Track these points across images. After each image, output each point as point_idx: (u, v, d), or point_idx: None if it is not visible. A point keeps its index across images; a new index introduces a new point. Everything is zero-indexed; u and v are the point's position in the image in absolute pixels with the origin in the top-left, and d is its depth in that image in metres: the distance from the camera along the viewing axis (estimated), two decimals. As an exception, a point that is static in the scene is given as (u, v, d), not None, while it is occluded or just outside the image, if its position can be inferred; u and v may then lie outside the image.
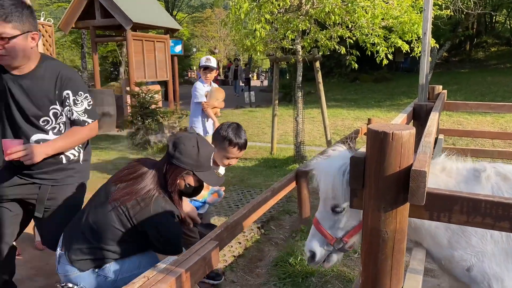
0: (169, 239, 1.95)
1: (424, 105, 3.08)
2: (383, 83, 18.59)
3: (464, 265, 1.57)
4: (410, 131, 1.24)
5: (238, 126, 2.49)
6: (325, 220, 1.61)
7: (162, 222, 1.91)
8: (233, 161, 2.48)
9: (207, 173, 2.04)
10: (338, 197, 1.54)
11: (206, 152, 2.02)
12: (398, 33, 5.38)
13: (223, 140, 2.42)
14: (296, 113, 6.28)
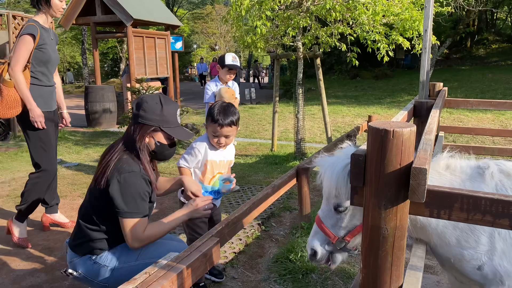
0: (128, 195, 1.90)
1: (425, 102, 3.08)
2: (384, 80, 18.57)
3: (475, 264, 1.58)
4: (411, 129, 1.24)
5: (228, 105, 2.45)
6: (328, 218, 1.60)
7: (122, 176, 1.90)
8: (222, 140, 2.42)
9: (176, 128, 2.05)
10: (341, 196, 1.53)
11: (170, 107, 2.04)
12: (399, 30, 5.37)
13: (208, 117, 2.43)
14: (297, 109, 6.28)
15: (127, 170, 1.92)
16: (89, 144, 7.93)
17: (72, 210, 4.18)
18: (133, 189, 1.91)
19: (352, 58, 5.71)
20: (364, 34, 5.40)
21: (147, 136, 2.01)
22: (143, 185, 1.95)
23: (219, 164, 2.52)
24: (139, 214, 1.92)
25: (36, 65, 3.31)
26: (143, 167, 1.99)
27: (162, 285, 1.56)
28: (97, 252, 2.00)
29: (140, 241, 1.95)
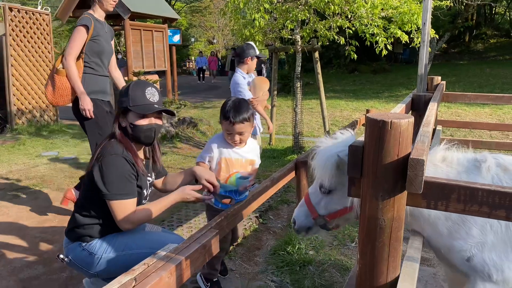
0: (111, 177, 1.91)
1: (423, 96, 3.08)
2: (382, 74, 18.56)
3: (464, 255, 1.58)
4: (409, 120, 1.25)
5: (241, 101, 2.34)
6: (314, 195, 1.74)
7: (103, 160, 1.92)
8: (236, 138, 2.31)
9: (143, 105, 2.01)
10: (324, 178, 1.62)
11: (138, 87, 2.02)
12: (397, 23, 5.36)
13: (221, 114, 2.33)
14: (295, 103, 6.28)
15: (109, 153, 1.94)
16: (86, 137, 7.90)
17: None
18: (114, 171, 1.91)
19: (351, 51, 5.70)
20: (362, 27, 5.39)
21: (119, 119, 2.05)
22: (126, 166, 1.94)
23: (235, 162, 2.36)
24: (125, 195, 1.91)
25: (90, 56, 3.47)
26: (127, 150, 1.99)
27: (161, 276, 1.57)
28: (87, 239, 2.02)
29: (131, 222, 1.94)
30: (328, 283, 2.64)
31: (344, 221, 1.76)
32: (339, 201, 1.65)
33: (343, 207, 1.66)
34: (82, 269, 2.05)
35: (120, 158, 1.93)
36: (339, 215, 1.69)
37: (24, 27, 8.06)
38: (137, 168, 2.00)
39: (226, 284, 2.64)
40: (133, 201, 1.95)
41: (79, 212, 2.05)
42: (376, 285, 1.37)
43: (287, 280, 2.68)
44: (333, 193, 1.66)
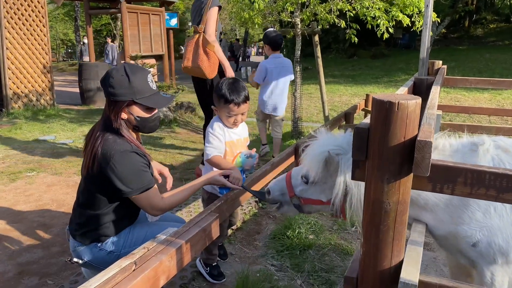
0: (128, 174, 1.82)
1: (425, 79, 3.05)
2: (381, 59, 18.46)
3: (469, 240, 1.56)
4: (416, 101, 1.21)
5: (235, 81, 2.32)
6: (294, 178, 1.77)
7: (114, 160, 1.79)
8: (238, 118, 2.31)
9: (151, 96, 1.89)
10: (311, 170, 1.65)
11: (138, 76, 1.85)
12: (399, 6, 5.28)
13: (220, 99, 2.27)
14: (294, 88, 6.22)
15: (117, 151, 1.81)
16: (83, 121, 7.86)
17: (68, 187, 4.15)
18: (129, 168, 1.82)
19: (351, 35, 5.62)
20: (363, 10, 5.30)
21: (122, 112, 1.87)
22: (138, 159, 1.86)
23: (237, 143, 2.38)
24: (145, 187, 1.85)
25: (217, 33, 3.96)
26: (131, 141, 1.89)
27: (161, 260, 1.55)
28: (103, 239, 1.95)
29: (161, 209, 1.92)
30: (328, 267, 2.64)
31: (317, 210, 1.83)
32: (315, 194, 1.71)
33: (319, 199, 1.71)
34: (100, 267, 1.95)
35: (131, 153, 1.84)
36: (311, 203, 1.75)
37: (19, 9, 7.92)
38: (147, 157, 1.94)
39: (227, 268, 2.64)
40: (155, 189, 1.89)
41: (88, 213, 1.94)
42: (380, 269, 1.35)
43: (287, 264, 2.68)
44: (312, 185, 1.71)
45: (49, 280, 2.57)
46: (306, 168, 1.69)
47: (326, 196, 1.67)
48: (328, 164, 1.59)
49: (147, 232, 2.00)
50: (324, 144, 1.63)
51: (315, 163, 1.61)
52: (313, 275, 2.55)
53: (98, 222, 1.94)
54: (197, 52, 3.81)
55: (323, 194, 1.68)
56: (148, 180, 1.88)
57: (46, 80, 8.69)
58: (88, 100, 10.02)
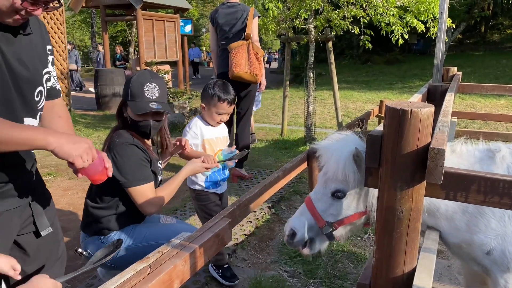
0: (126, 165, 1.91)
1: (439, 86, 3.03)
2: (395, 65, 18.33)
3: (484, 248, 1.56)
4: (429, 109, 1.22)
5: (225, 83, 2.54)
6: (320, 202, 1.56)
7: (115, 150, 1.92)
8: (224, 117, 2.54)
9: (139, 102, 1.94)
10: (346, 181, 1.49)
11: (137, 82, 1.95)
12: (413, 12, 5.26)
13: (212, 97, 2.46)
14: (307, 94, 6.22)
15: (119, 142, 1.94)
16: (99, 127, 7.98)
17: (84, 191, 4.21)
18: (127, 159, 1.92)
19: (365, 41, 5.62)
20: (378, 17, 5.29)
21: (121, 109, 2.05)
22: (138, 152, 1.95)
23: (216, 141, 2.58)
24: (142, 181, 1.92)
25: None
26: (135, 137, 1.99)
27: (175, 263, 1.57)
28: (105, 233, 2.02)
29: (153, 205, 1.95)
30: (341, 274, 2.63)
31: (349, 230, 1.64)
32: (352, 205, 1.55)
33: (355, 212, 1.55)
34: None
35: (131, 145, 1.94)
36: (351, 221, 1.56)
37: (38, 17, 8.11)
38: (149, 154, 2.01)
39: (239, 274, 2.65)
40: (151, 185, 1.97)
41: (94, 206, 2.04)
42: (393, 276, 1.36)
43: (300, 271, 2.68)
44: (348, 197, 1.54)
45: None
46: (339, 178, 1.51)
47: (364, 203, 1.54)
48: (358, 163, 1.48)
49: (147, 232, 2.04)
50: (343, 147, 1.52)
51: (349, 166, 1.47)
52: (326, 282, 2.54)
53: (101, 214, 2.01)
54: (249, 59, 4.08)
55: (361, 203, 1.54)
56: (145, 174, 1.95)
57: (63, 86, 8.87)
58: (103, 106, 10.18)
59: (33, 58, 1.43)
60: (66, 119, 1.64)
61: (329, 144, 1.58)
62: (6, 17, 1.27)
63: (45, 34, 1.55)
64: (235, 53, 4.09)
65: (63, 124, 1.62)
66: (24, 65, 1.38)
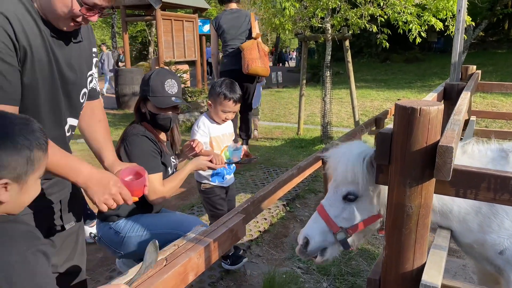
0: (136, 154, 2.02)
1: (456, 85, 3.01)
2: (415, 64, 18.08)
3: (497, 248, 1.56)
4: (438, 107, 1.24)
5: (232, 82, 2.61)
6: (333, 207, 1.54)
7: (127, 141, 2.05)
8: (230, 115, 2.61)
9: (161, 97, 2.09)
10: (357, 183, 1.48)
11: (157, 78, 2.11)
12: (431, 10, 5.20)
13: (219, 95, 2.54)
14: (324, 93, 6.23)
15: (132, 133, 2.06)
16: (119, 125, 8.14)
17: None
18: (138, 149, 2.03)
19: (383, 40, 5.58)
20: (395, 15, 5.26)
21: (139, 104, 2.16)
22: (148, 143, 2.06)
23: (223, 138, 2.65)
24: (150, 170, 1.98)
25: None
26: (149, 130, 2.11)
27: (190, 256, 1.62)
28: (114, 219, 2.11)
29: (159, 195, 2.04)
30: (354, 271, 2.65)
31: (363, 236, 1.61)
32: (366, 209, 1.52)
33: (369, 215, 1.53)
34: (110, 247, 2.15)
35: (142, 136, 2.06)
36: (365, 225, 1.53)
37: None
38: (160, 146, 2.11)
39: (254, 269, 2.70)
40: (159, 175, 2.06)
41: None
42: (402, 271, 1.38)
43: (314, 267, 2.71)
44: (360, 200, 1.52)
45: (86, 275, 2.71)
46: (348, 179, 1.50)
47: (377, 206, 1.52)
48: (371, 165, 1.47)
49: (151, 221, 2.12)
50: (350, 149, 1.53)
51: (358, 166, 1.46)
52: (339, 279, 2.56)
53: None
54: (261, 56, 4.53)
55: (375, 205, 1.52)
56: (154, 165, 2.05)
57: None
58: (123, 105, 10.37)
59: (81, 62, 1.51)
60: (105, 123, 1.76)
61: (336, 150, 1.58)
62: (63, 24, 1.33)
63: (92, 38, 1.64)
64: (248, 51, 4.47)
65: (102, 130, 1.74)
66: (72, 69, 1.46)
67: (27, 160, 1.04)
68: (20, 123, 1.06)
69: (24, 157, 1.03)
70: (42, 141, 1.09)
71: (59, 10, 1.28)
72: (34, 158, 1.05)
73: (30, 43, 1.28)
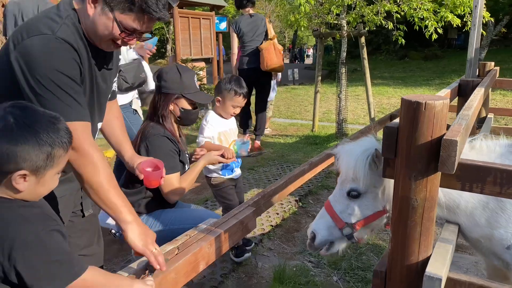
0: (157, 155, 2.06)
1: (471, 81, 2.98)
2: (433, 61, 17.80)
3: (504, 243, 1.56)
4: (443, 101, 1.25)
5: (239, 78, 2.73)
6: (338, 203, 1.59)
7: (147, 141, 2.10)
8: (237, 110, 2.71)
9: (196, 93, 2.21)
10: (358, 180, 1.52)
11: (188, 75, 2.20)
12: (449, 6, 5.14)
13: (229, 91, 2.63)
14: (339, 90, 6.21)
15: (152, 134, 2.11)
16: (136, 121, 8.26)
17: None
18: (159, 150, 2.09)
19: (399, 36, 5.54)
20: (411, 12, 5.21)
21: (171, 103, 2.19)
22: (168, 143, 2.12)
23: (230, 132, 2.74)
24: (170, 170, 2.07)
25: None
26: (168, 129, 2.16)
27: (201, 246, 1.68)
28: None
29: (177, 194, 2.12)
30: (365, 265, 2.67)
31: (371, 230, 1.65)
32: (370, 205, 1.56)
33: (374, 211, 1.56)
34: None
35: (163, 137, 2.12)
36: (370, 221, 1.57)
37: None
38: (178, 145, 2.15)
39: (265, 262, 2.74)
40: (177, 174, 2.12)
41: (126, 191, 2.12)
42: (408, 263, 1.40)
43: (324, 261, 2.74)
44: (363, 197, 1.55)
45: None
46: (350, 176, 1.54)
47: (381, 202, 1.55)
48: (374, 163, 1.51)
49: (172, 217, 2.18)
50: (356, 147, 1.58)
51: (360, 164, 1.50)
52: (349, 273, 2.59)
53: (132, 199, 2.12)
54: (277, 54, 5.13)
55: (379, 202, 1.55)
56: (174, 164, 2.11)
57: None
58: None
59: (111, 73, 1.64)
60: (121, 119, 1.88)
61: (343, 147, 1.62)
62: (105, 45, 1.46)
63: None
64: (266, 51, 5.07)
65: (119, 126, 1.87)
66: (104, 80, 1.59)
67: (48, 155, 1.10)
68: (48, 120, 1.12)
69: (45, 152, 1.09)
70: (65, 140, 1.15)
71: (101, 33, 1.39)
72: (54, 155, 1.12)
73: (84, 66, 1.42)
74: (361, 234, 1.61)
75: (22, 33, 1.31)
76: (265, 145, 6.07)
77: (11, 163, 1.06)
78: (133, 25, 1.39)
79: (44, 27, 1.32)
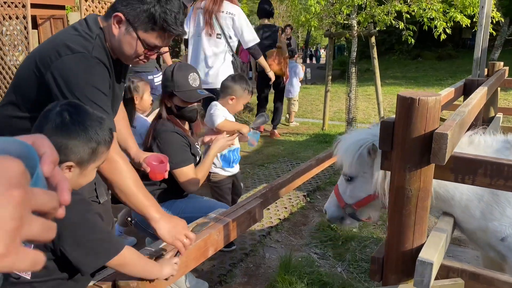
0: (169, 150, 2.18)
1: (476, 81, 3.05)
2: (447, 61, 17.66)
3: (498, 235, 1.64)
4: (436, 98, 1.35)
5: (241, 75, 2.86)
6: (340, 185, 1.79)
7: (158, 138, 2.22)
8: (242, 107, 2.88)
9: (187, 91, 2.27)
10: (347, 166, 1.69)
11: (181, 73, 2.27)
12: (458, 7, 5.17)
13: (244, 90, 2.75)
14: (349, 89, 6.28)
15: (163, 130, 2.23)
16: (150, 119, 8.43)
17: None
18: (171, 145, 2.21)
19: (408, 36, 5.59)
20: (420, 12, 5.25)
21: (165, 101, 2.32)
22: (179, 138, 2.24)
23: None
24: (184, 163, 2.20)
25: None
26: (176, 125, 2.28)
27: (210, 233, 1.80)
28: None
29: (194, 184, 2.24)
30: (368, 257, 2.75)
31: (374, 210, 1.80)
32: (362, 189, 1.71)
33: (366, 194, 1.71)
34: (146, 230, 2.33)
35: (173, 133, 2.24)
36: (364, 203, 1.74)
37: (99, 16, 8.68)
38: (188, 139, 2.28)
39: (272, 253, 2.85)
40: (191, 166, 2.25)
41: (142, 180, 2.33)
42: (403, 250, 1.49)
43: (330, 253, 2.83)
44: (355, 181, 1.72)
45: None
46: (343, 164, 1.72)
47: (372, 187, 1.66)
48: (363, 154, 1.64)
49: (184, 206, 2.30)
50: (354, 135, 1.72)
51: (349, 153, 1.67)
52: (353, 264, 2.68)
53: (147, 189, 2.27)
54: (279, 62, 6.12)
55: (369, 187, 1.67)
56: (186, 157, 2.23)
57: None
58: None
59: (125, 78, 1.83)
60: (126, 120, 2.03)
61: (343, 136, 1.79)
62: (130, 61, 1.64)
63: None
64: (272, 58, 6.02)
65: (125, 125, 2.01)
66: (119, 87, 1.77)
67: (93, 151, 1.24)
68: (96, 120, 1.26)
69: (91, 148, 1.23)
70: (108, 139, 1.29)
71: (127, 52, 1.56)
72: (98, 151, 1.25)
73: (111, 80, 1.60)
74: (362, 214, 1.80)
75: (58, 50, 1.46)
76: (276, 142, 6.18)
77: (61, 155, 1.20)
78: (155, 42, 1.55)
79: (79, 46, 1.48)
